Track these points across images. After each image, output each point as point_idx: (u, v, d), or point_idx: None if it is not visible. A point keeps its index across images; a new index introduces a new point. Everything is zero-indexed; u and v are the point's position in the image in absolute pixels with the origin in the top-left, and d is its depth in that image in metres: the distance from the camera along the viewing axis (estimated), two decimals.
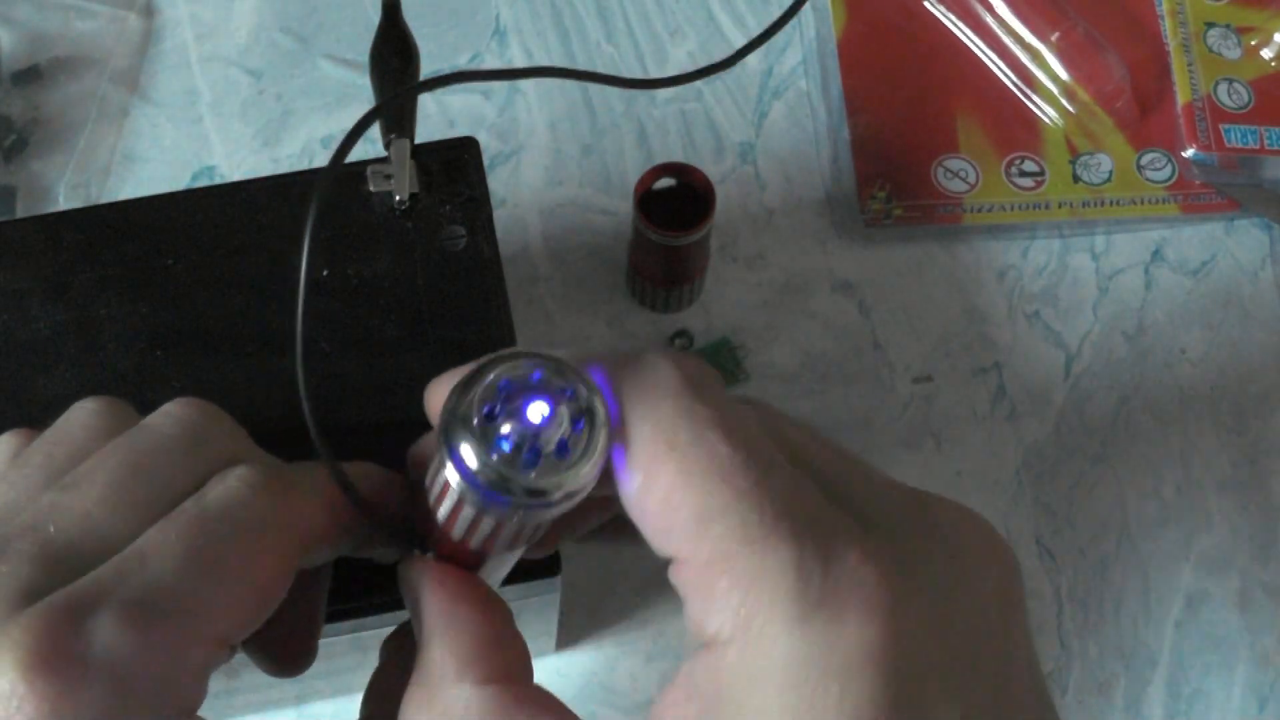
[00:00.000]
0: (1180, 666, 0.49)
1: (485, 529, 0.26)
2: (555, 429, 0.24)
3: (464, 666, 0.26)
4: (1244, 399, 0.53)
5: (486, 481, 0.24)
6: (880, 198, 0.54)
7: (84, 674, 0.23)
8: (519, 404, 0.24)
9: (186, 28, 0.57)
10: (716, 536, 0.24)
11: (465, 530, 0.26)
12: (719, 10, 0.58)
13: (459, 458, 0.24)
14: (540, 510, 0.25)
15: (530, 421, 0.24)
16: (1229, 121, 0.56)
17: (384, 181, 0.38)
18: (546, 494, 0.24)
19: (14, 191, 0.52)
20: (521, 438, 0.24)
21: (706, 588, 0.24)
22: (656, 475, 0.24)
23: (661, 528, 0.25)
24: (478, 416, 0.24)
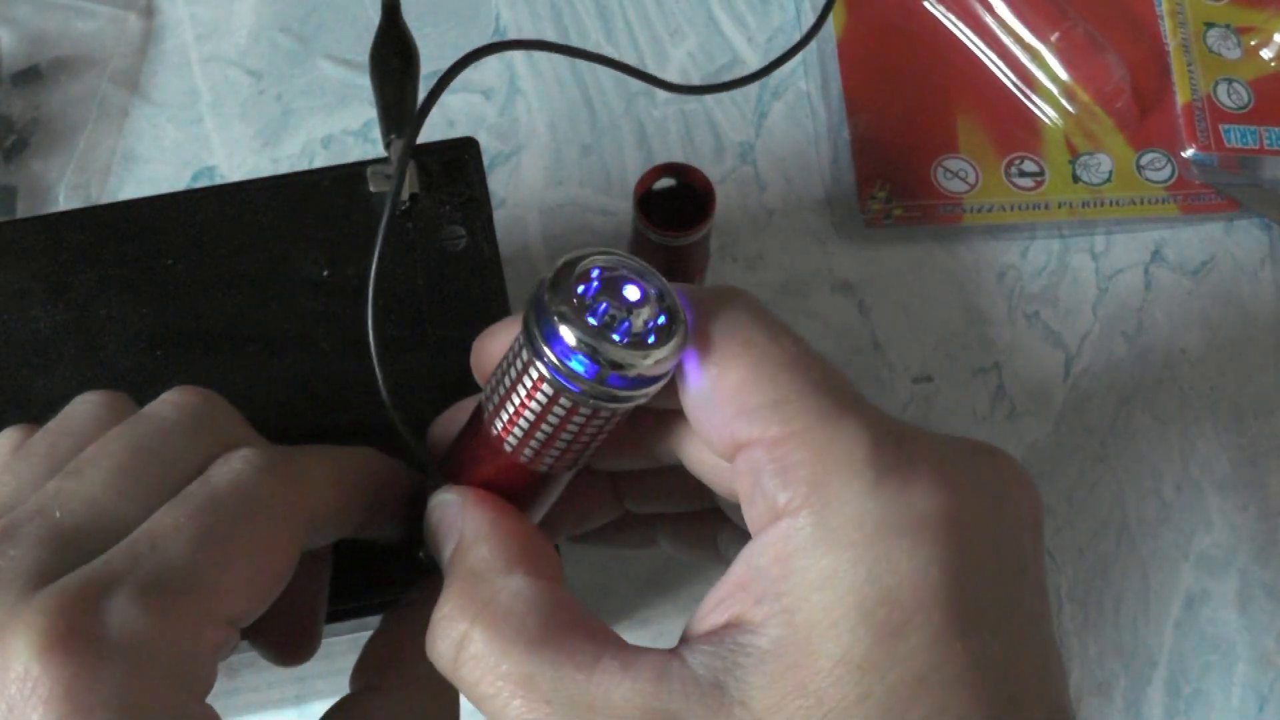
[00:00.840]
0: (1180, 666, 0.49)
1: (552, 420, 0.26)
2: (643, 312, 0.25)
3: (513, 562, 0.27)
4: (1244, 399, 0.53)
5: (579, 350, 0.25)
6: (880, 198, 0.54)
7: (100, 655, 0.23)
8: (612, 286, 0.25)
9: (186, 28, 0.57)
10: (791, 415, 0.25)
11: (528, 427, 0.27)
12: (719, 10, 0.58)
13: (553, 330, 0.25)
14: (616, 393, 0.25)
15: (625, 299, 0.25)
16: (1229, 121, 0.56)
17: (384, 182, 0.38)
18: (627, 370, 0.25)
19: (14, 191, 0.52)
20: (614, 315, 0.25)
21: (780, 461, 0.25)
22: (731, 368, 0.26)
23: (734, 414, 0.25)
24: (574, 294, 0.25)
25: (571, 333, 0.25)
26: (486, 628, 0.26)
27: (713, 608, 0.26)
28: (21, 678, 0.23)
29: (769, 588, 0.24)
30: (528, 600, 0.26)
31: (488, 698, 0.25)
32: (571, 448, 0.27)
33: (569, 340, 0.25)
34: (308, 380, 0.36)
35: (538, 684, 0.25)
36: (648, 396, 0.26)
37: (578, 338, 0.25)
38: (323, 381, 0.36)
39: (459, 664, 0.26)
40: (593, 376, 0.25)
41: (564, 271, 0.26)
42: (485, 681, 0.25)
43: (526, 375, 0.26)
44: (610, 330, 0.25)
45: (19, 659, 0.23)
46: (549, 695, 0.25)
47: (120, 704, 0.23)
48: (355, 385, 0.36)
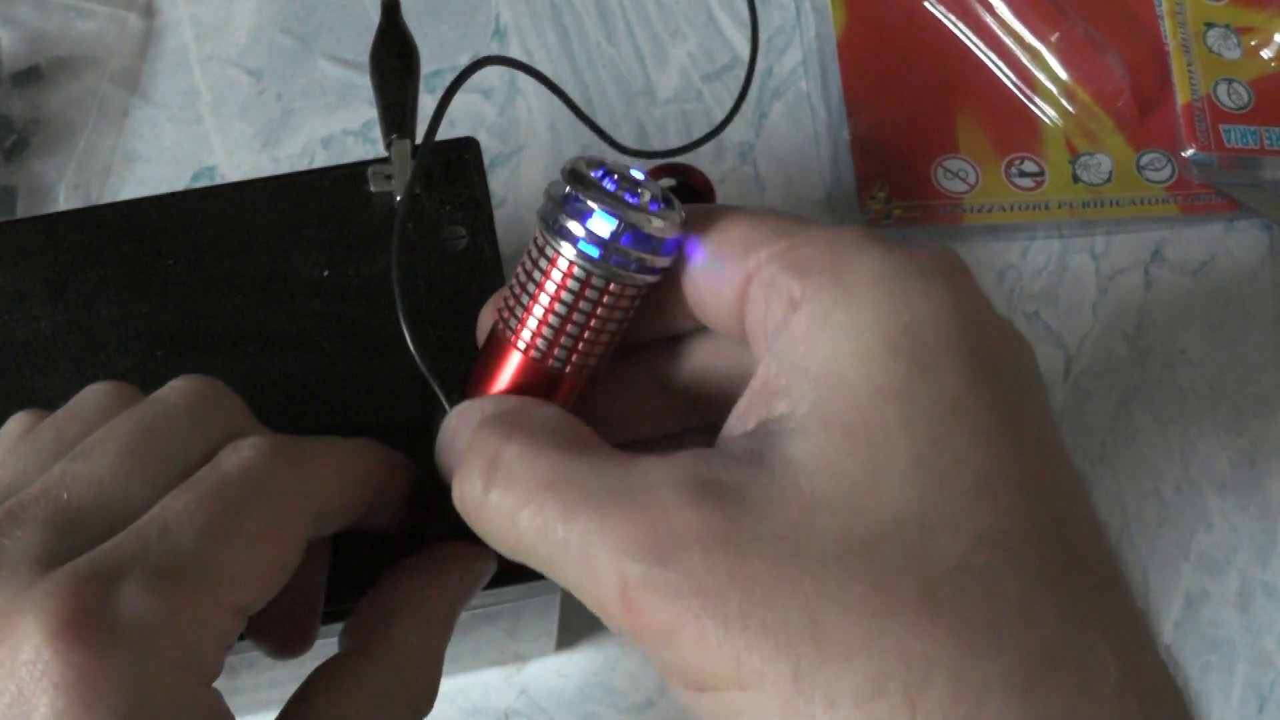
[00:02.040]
0: (1180, 666, 0.49)
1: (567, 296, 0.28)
2: (649, 189, 0.27)
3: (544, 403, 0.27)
4: (1244, 399, 0.53)
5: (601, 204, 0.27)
6: (880, 198, 0.54)
7: (110, 642, 0.23)
8: (619, 171, 0.28)
9: (186, 28, 0.57)
10: (794, 229, 0.26)
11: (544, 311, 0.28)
12: (719, 10, 0.58)
13: (572, 199, 0.27)
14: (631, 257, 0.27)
15: (633, 177, 0.27)
16: (1229, 122, 0.56)
17: (384, 182, 0.38)
18: (643, 227, 0.27)
19: (14, 191, 0.52)
20: (626, 184, 0.27)
21: (791, 261, 0.26)
22: (730, 224, 0.27)
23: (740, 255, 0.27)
24: (587, 176, 0.27)
25: (591, 199, 0.27)
26: (521, 440, 0.26)
27: (738, 420, 0.26)
28: (31, 661, 0.23)
29: (795, 371, 0.25)
30: (561, 421, 0.27)
31: (520, 515, 0.25)
32: (586, 334, 0.28)
33: (591, 204, 0.27)
34: (308, 380, 0.36)
35: (574, 478, 0.25)
36: (658, 274, 0.28)
37: (597, 202, 0.27)
38: (323, 381, 0.36)
39: (490, 488, 0.26)
40: (614, 237, 0.27)
41: (573, 165, 0.28)
42: (519, 494, 0.25)
43: (544, 258, 0.28)
44: (624, 191, 0.27)
45: (29, 643, 0.23)
46: (587, 486, 0.24)
47: (129, 690, 0.23)
48: (355, 385, 0.36)
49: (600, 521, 0.24)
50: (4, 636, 0.23)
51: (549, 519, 0.25)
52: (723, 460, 0.24)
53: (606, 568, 0.24)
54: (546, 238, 0.28)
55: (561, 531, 0.24)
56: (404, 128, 0.38)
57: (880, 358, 0.24)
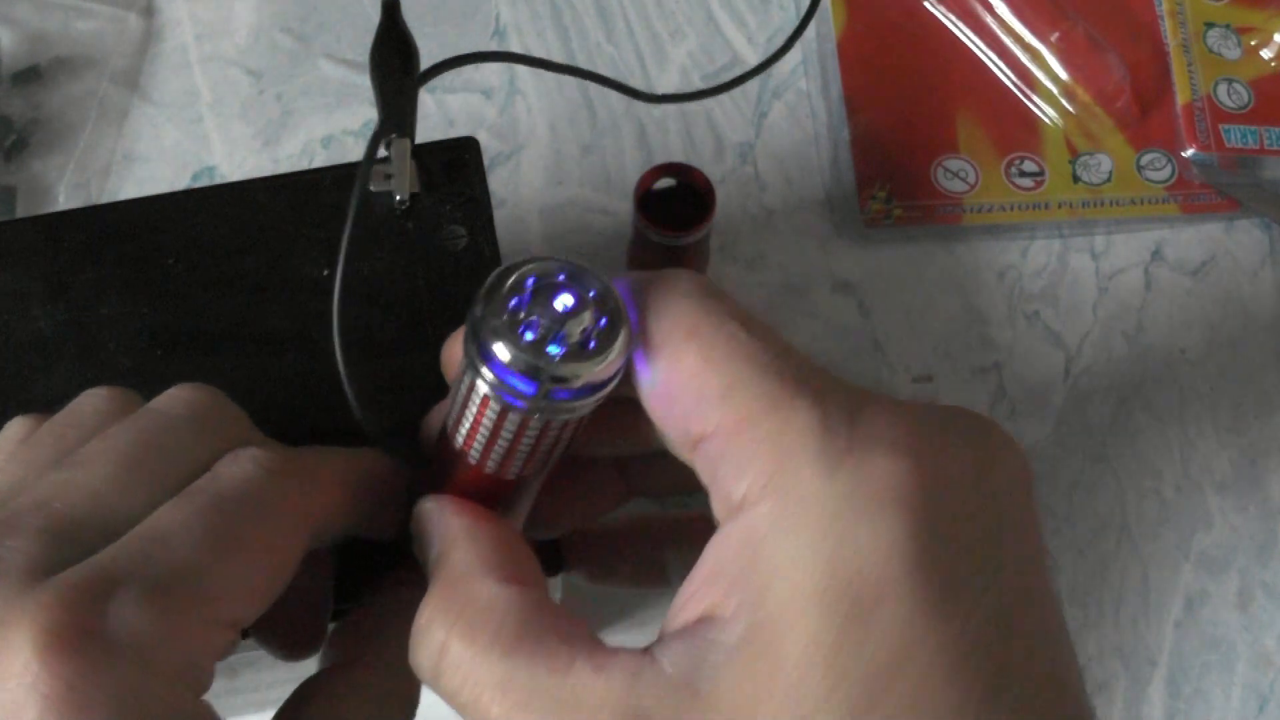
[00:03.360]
0: (1180, 666, 0.49)
1: (507, 435, 0.26)
2: (580, 320, 0.25)
3: (489, 568, 0.27)
4: (1244, 399, 0.53)
5: (515, 369, 0.24)
6: (880, 198, 0.54)
7: (102, 654, 0.23)
8: (546, 296, 0.25)
9: (186, 28, 0.57)
10: (741, 403, 0.24)
11: (486, 441, 0.26)
12: (719, 10, 0.58)
13: (487, 348, 0.25)
14: (565, 402, 0.25)
15: (557, 311, 0.25)
16: (1229, 121, 0.56)
17: (384, 181, 0.38)
18: (571, 382, 0.25)
19: (14, 191, 0.52)
20: (548, 326, 0.25)
21: (735, 453, 0.24)
22: (679, 360, 0.25)
23: (687, 408, 0.25)
24: (506, 309, 0.25)
25: (507, 350, 0.24)
26: (463, 635, 0.26)
27: (685, 602, 0.25)
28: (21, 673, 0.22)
29: (735, 579, 0.24)
30: (504, 606, 0.26)
31: (468, 705, 0.25)
32: (535, 455, 0.27)
33: (505, 358, 0.24)
34: (308, 380, 0.36)
35: (514, 687, 0.25)
36: (599, 401, 0.26)
37: (513, 355, 0.24)
38: (323, 381, 0.36)
39: (439, 673, 0.26)
40: (535, 393, 0.25)
41: (495, 285, 0.25)
42: (465, 689, 0.25)
43: (474, 393, 0.26)
44: (547, 342, 0.25)
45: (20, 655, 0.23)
46: (525, 699, 0.24)
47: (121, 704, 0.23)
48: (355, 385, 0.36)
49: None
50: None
51: (490, 715, 0.25)
52: (657, 688, 0.24)
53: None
54: (467, 364, 0.25)
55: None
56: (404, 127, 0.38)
57: (816, 608, 0.23)
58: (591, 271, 0.26)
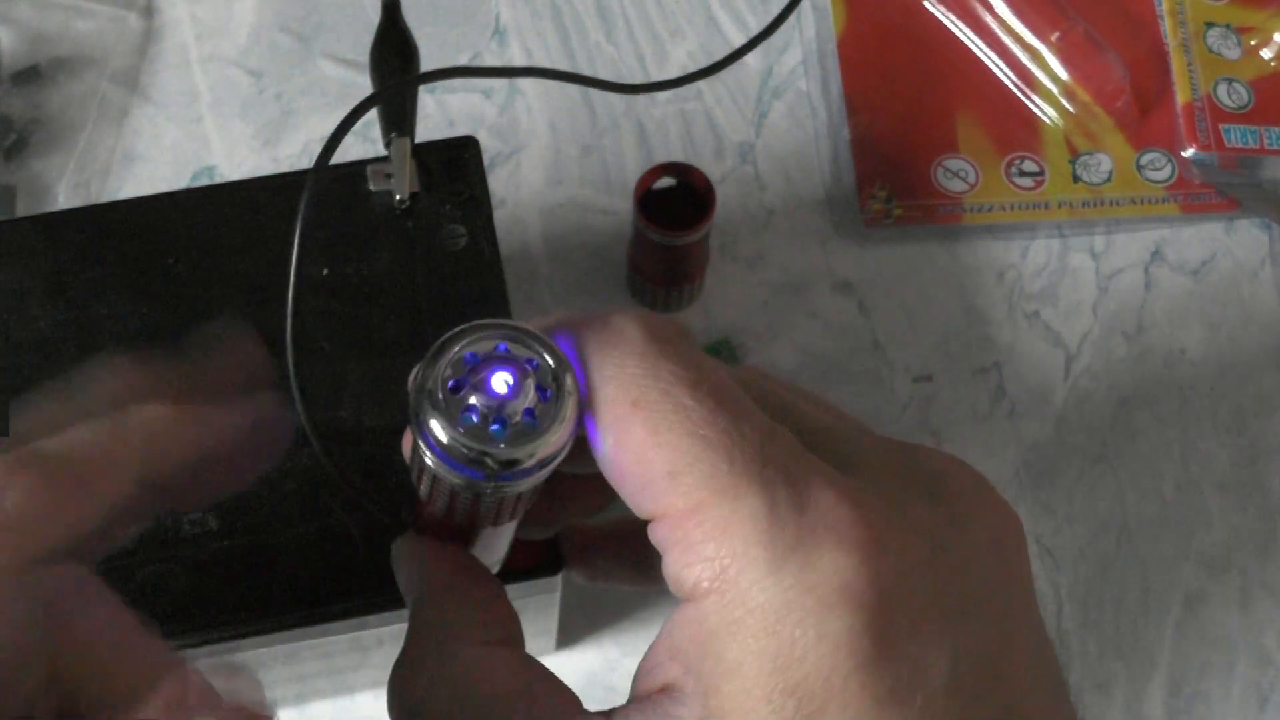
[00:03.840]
0: (1180, 666, 0.49)
1: (464, 503, 0.26)
2: (521, 399, 0.24)
3: (468, 628, 0.26)
4: (1244, 399, 0.53)
5: (456, 455, 0.24)
6: (880, 198, 0.54)
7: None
8: (483, 376, 0.24)
9: (186, 28, 0.57)
10: (688, 489, 0.24)
11: (446, 506, 0.26)
12: (719, 10, 0.58)
13: (427, 433, 0.24)
14: (514, 481, 0.25)
15: (495, 392, 0.24)
16: (1229, 121, 0.56)
17: (384, 181, 0.38)
18: (517, 464, 0.24)
19: (14, 191, 0.52)
20: (488, 409, 0.24)
21: (683, 541, 0.24)
22: (626, 434, 0.24)
23: (636, 487, 0.25)
24: (443, 391, 0.24)
25: (446, 437, 0.24)
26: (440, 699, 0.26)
27: (649, 670, 0.25)
28: None
29: (690, 663, 0.24)
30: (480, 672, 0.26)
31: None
32: (498, 518, 0.27)
33: (446, 444, 0.24)
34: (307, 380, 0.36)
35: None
36: (549, 470, 0.25)
37: (453, 442, 0.24)
38: (322, 381, 0.36)
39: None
40: (481, 478, 0.24)
41: (432, 362, 0.24)
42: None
43: (425, 469, 0.25)
44: (488, 425, 0.24)
45: None
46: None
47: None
48: (356, 385, 0.36)
49: None
50: None
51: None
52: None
53: None
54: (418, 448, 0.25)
55: None
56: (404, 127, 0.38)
57: (761, 712, 0.23)
58: (531, 335, 0.25)
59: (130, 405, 0.26)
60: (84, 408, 0.26)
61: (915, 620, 0.23)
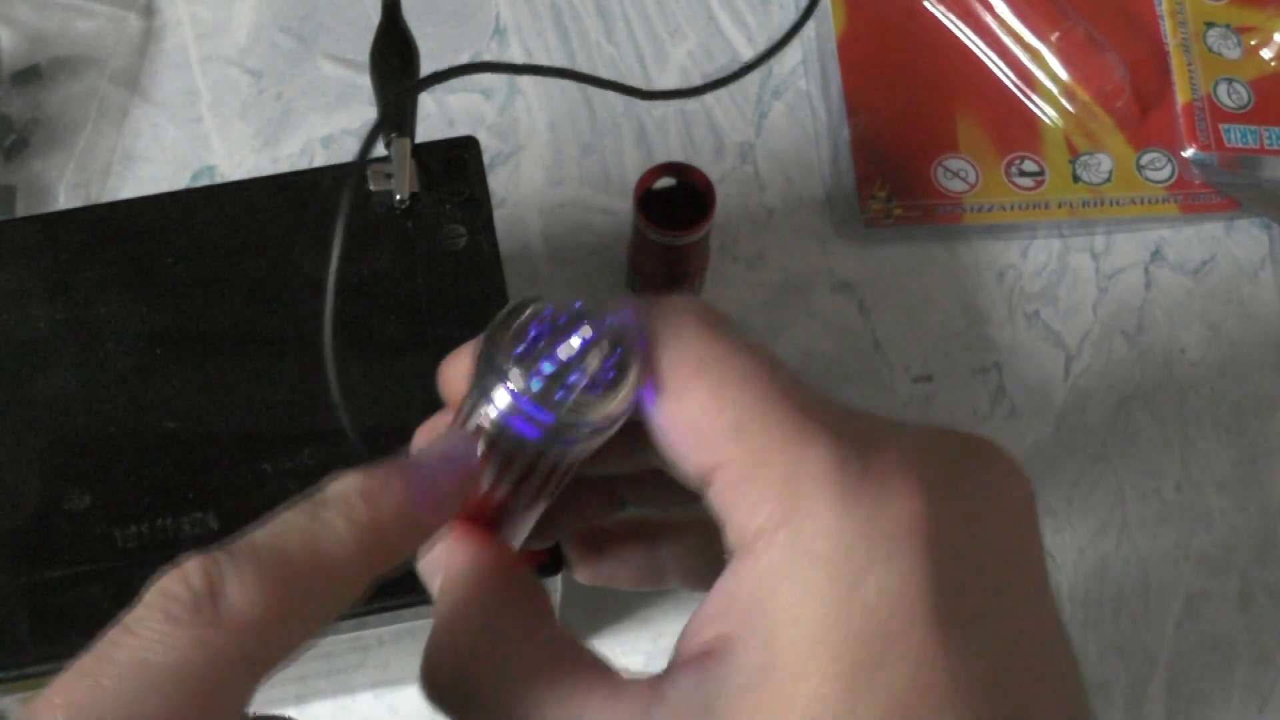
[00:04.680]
0: (1180, 666, 0.49)
1: (515, 472, 0.26)
2: (594, 356, 0.24)
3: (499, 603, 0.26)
4: (1244, 399, 0.53)
5: (524, 414, 0.24)
6: (880, 197, 0.54)
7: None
8: (556, 336, 0.25)
9: (186, 28, 0.57)
10: (753, 439, 0.24)
11: (494, 477, 0.26)
12: (719, 10, 0.58)
13: (496, 392, 0.24)
14: (577, 441, 0.25)
15: (567, 351, 0.24)
16: (1229, 121, 0.56)
17: (384, 181, 0.38)
18: (585, 421, 0.24)
19: (14, 191, 0.52)
20: (558, 370, 0.24)
21: (748, 488, 0.24)
22: (688, 394, 0.25)
23: (697, 443, 0.25)
24: (516, 349, 0.25)
25: (516, 395, 0.24)
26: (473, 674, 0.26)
27: (697, 630, 0.25)
28: None
29: (748, 613, 0.24)
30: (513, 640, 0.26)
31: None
32: (541, 490, 0.27)
33: (513, 403, 0.24)
34: (307, 380, 0.36)
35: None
36: (607, 437, 0.25)
37: (523, 400, 0.24)
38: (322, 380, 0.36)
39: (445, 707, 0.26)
40: (543, 436, 0.25)
41: (505, 322, 0.25)
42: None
43: (483, 431, 0.25)
44: (557, 386, 0.24)
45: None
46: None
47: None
48: (355, 384, 0.36)
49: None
50: None
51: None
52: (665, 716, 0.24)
53: None
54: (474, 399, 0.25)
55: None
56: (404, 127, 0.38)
57: (829, 650, 0.23)
58: (602, 305, 0.25)
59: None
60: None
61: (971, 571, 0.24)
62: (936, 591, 0.23)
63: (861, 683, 0.22)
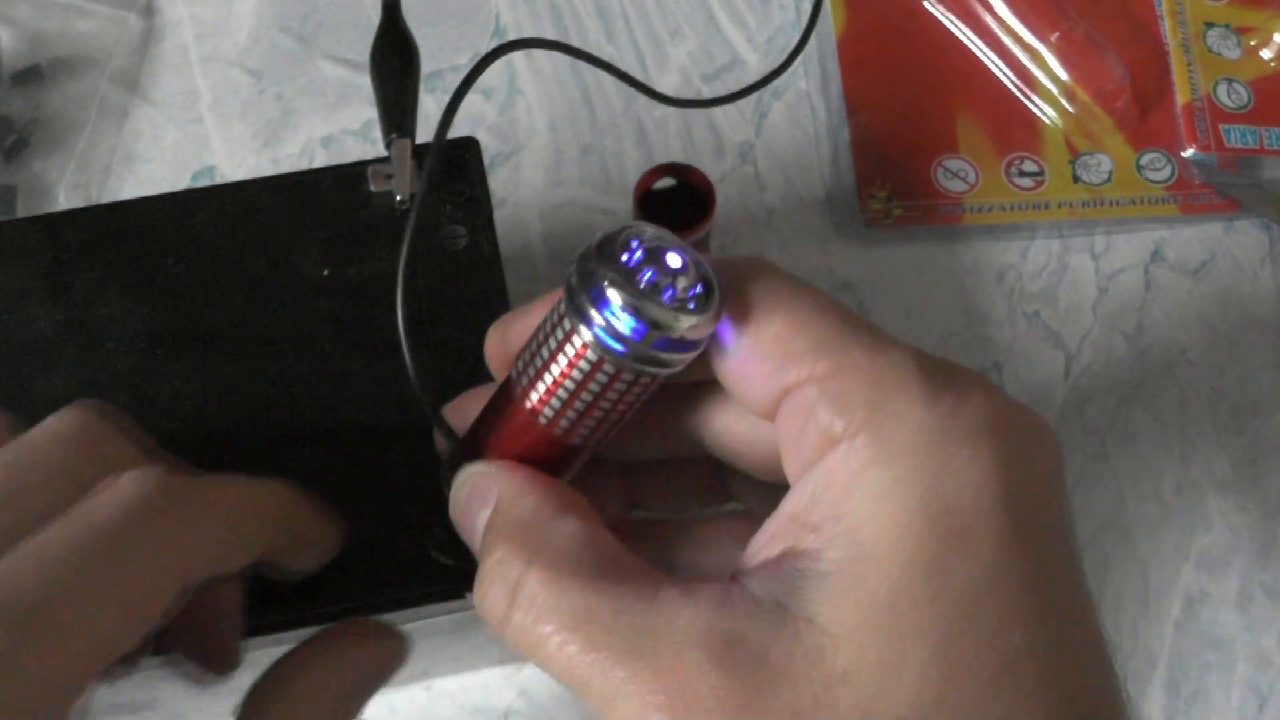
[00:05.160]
0: (1180, 666, 0.49)
1: (594, 386, 0.26)
2: (686, 278, 0.26)
3: (562, 508, 0.27)
4: (1244, 399, 0.53)
5: (627, 310, 0.25)
6: (880, 198, 0.54)
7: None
8: (655, 255, 0.26)
9: (186, 28, 0.57)
10: (838, 351, 0.25)
11: (566, 396, 0.27)
12: (719, 10, 0.58)
13: (602, 292, 0.25)
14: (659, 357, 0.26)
15: (668, 266, 0.26)
16: (1228, 121, 0.56)
17: (384, 181, 0.38)
18: (672, 331, 0.25)
19: (14, 191, 0.52)
20: (659, 279, 0.26)
21: (832, 393, 0.25)
22: (767, 322, 0.26)
23: (776, 364, 0.26)
24: (619, 262, 0.26)
25: (619, 294, 0.25)
26: (543, 569, 0.25)
27: (765, 542, 0.26)
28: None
29: (828, 512, 0.24)
30: (582, 541, 0.26)
31: (543, 639, 0.25)
32: (606, 419, 0.27)
33: (616, 301, 0.25)
34: (308, 380, 0.36)
35: (597, 618, 0.25)
36: (685, 363, 0.26)
37: (624, 299, 0.25)
38: (323, 381, 0.36)
39: (512, 609, 0.25)
40: (640, 338, 0.25)
41: (606, 241, 0.26)
42: (540, 624, 0.25)
43: (569, 344, 0.26)
44: (655, 292, 0.26)
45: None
46: (608, 630, 0.24)
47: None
48: (356, 385, 0.36)
49: (624, 671, 0.24)
50: None
51: (573, 658, 0.25)
52: (747, 608, 0.24)
53: (627, 716, 0.24)
54: (570, 318, 0.26)
55: (584, 672, 0.24)
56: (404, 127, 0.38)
57: (915, 528, 0.24)
58: (686, 244, 0.27)
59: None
60: None
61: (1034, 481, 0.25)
62: (1008, 488, 0.24)
63: (947, 559, 0.23)
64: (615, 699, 0.24)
